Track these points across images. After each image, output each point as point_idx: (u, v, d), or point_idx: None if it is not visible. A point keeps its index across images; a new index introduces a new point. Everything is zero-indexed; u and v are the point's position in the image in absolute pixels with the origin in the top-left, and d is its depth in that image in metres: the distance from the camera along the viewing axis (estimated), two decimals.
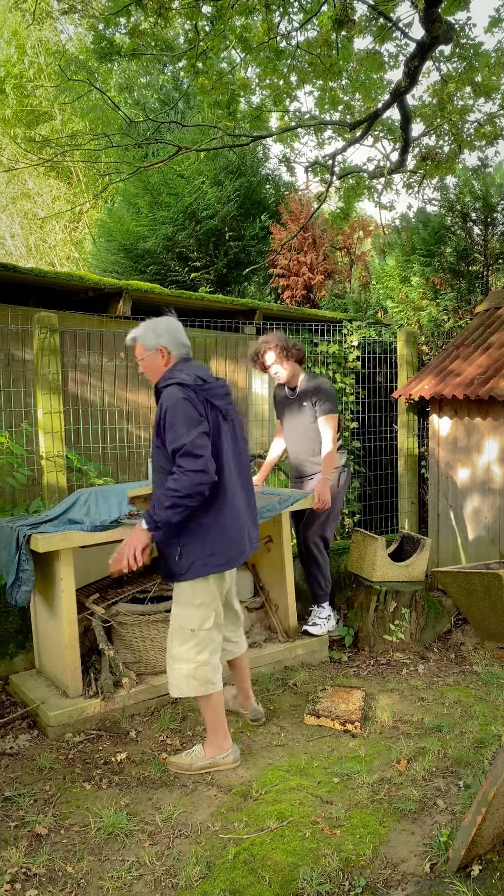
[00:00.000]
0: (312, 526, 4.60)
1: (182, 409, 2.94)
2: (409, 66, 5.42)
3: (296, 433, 4.72)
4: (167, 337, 3.16)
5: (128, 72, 13.21)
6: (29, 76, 14.34)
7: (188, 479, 2.86)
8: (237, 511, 3.14)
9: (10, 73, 14.21)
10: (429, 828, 2.70)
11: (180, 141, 8.04)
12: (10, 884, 2.44)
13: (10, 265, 5.21)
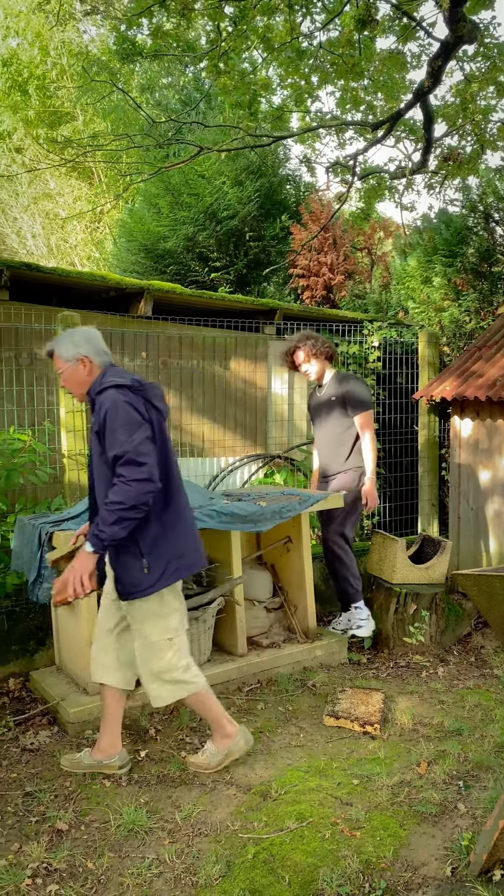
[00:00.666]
0: (331, 524, 4.60)
1: (122, 412, 2.76)
2: (432, 66, 5.39)
3: (324, 432, 4.73)
4: (87, 346, 2.96)
5: (149, 72, 13.27)
6: (52, 77, 14.44)
7: (131, 489, 2.66)
8: (186, 508, 3.04)
9: (33, 74, 14.32)
10: (449, 831, 2.69)
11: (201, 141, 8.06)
12: (31, 878, 2.47)
13: (33, 265, 5.25)
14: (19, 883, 2.43)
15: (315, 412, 4.82)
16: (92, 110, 14.04)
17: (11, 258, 10.00)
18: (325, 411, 4.69)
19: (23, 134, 14.71)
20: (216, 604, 3.95)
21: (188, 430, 6.13)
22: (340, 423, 4.63)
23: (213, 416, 6.26)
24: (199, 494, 4.20)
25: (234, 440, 6.39)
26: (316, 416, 4.81)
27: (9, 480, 4.25)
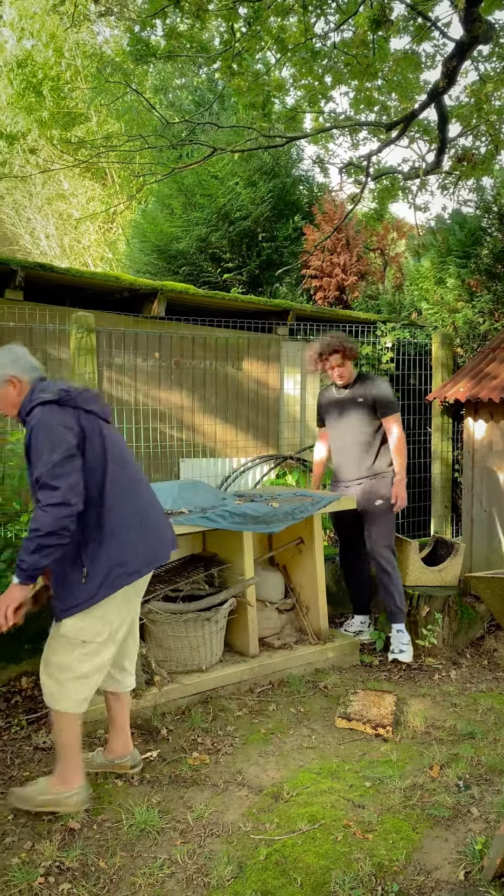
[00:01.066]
0: (378, 536, 4.50)
1: (44, 431, 2.64)
2: (447, 66, 5.37)
3: (345, 433, 4.62)
4: (14, 366, 2.82)
5: (163, 73, 13.31)
6: (66, 78, 14.51)
7: (46, 514, 2.53)
8: (140, 511, 2.83)
9: (47, 75, 14.38)
10: (462, 835, 2.67)
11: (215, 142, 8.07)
12: (43, 877, 2.47)
13: (47, 265, 5.28)
14: (32, 881, 2.44)
15: (331, 411, 4.70)
16: (106, 111, 14.09)
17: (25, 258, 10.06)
18: (347, 412, 4.59)
19: (37, 135, 14.79)
20: (228, 604, 3.95)
21: (200, 430, 6.14)
22: (368, 425, 4.55)
23: (226, 417, 6.27)
24: (211, 495, 4.20)
25: (247, 441, 6.40)
26: (332, 414, 4.69)
27: (22, 480, 4.27)
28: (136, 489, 2.87)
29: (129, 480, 2.84)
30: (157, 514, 2.96)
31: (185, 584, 4.08)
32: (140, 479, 2.94)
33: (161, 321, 5.86)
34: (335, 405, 4.67)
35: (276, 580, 4.61)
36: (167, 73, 13.09)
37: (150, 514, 2.90)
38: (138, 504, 2.85)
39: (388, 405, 4.50)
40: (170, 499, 3.96)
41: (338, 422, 4.65)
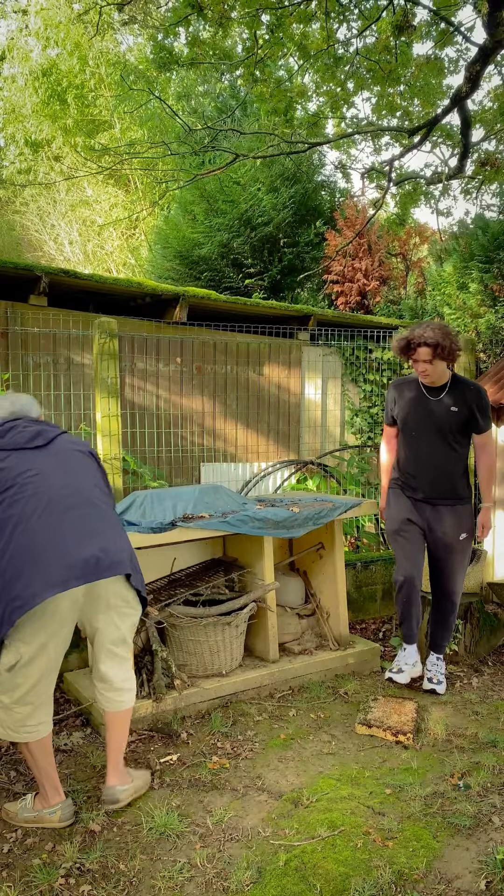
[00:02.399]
0: (457, 571, 4.00)
1: None
2: (470, 71, 5.35)
3: (429, 446, 3.92)
4: None
5: (186, 80, 13.40)
6: (90, 86, 14.65)
7: None
8: (39, 536, 2.64)
9: (72, 83, 14.54)
10: (484, 844, 2.65)
11: (237, 148, 8.11)
12: (64, 878, 2.49)
13: (70, 271, 5.33)
14: (53, 882, 2.46)
15: (412, 412, 3.96)
16: (129, 118, 14.21)
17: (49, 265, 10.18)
18: (434, 420, 3.87)
19: (61, 142, 14.95)
20: (248, 609, 3.96)
21: (221, 434, 6.16)
22: (458, 442, 3.89)
23: (247, 422, 6.29)
24: (231, 499, 4.21)
25: (268, 445, 6.40)
26: (411, 416, 3.96)
27: None
28: (49, 514, 2.68)
29: (44, 507, 2.69)
30: (92, 532, 2.74)
31: (205, 589, 4.10)
32: (84, 498, 2.79)
33: (183, 326, 5.89)
34: (419, 406, 3.93)
35: (297, 585, 4.61)
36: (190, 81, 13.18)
37: (65, 533, 2.68)
38: (39, 528, 2.65)
39: (488, 420, 3.86)
40: (191, 503, 3.98)
41: (420, 428, 3.93)
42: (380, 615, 5.27)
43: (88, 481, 2.90)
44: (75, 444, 3.02)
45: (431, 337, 3.66)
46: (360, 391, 6.82)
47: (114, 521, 2.87)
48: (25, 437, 2.88)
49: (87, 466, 2.96)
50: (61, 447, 2.94)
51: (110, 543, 2.75)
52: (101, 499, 2.87)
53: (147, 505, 3.92)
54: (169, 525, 3.73)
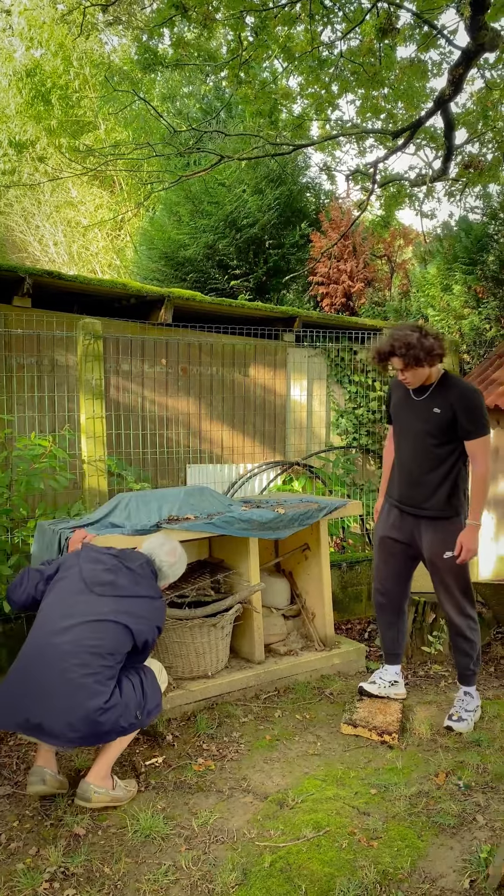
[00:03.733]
0: (451, 598, 3.61)
1: None
2: (453, 74, 5.39)
3: (411, 449, 3.61)
4: None
5: (170, 82, 13.40)
6: (74, 87, 14.61)
7: None
8: (23, 668, 2.85)
9: (56, 84, 14.49)
10: (468, 843, 2.66)
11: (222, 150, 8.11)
12: (48, 882, 2.48)
13: (55, 272, 5.31)
14: (37, 887, 2.45)
15: (399, 412, 3.69)
16: (114, 119, 14.18)
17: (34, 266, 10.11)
18: (418, 420, 3.55)
19: (45, 143, 14.89)
20: (234, 611, 3.96)
21: (207, 436, 6.16)
22: (442, 446, 3.50)
23: (232, 423, 6.29)
24: (217, 501, 4.21)
25: (253, 446, 6.41)
26: (399, 417, 3.69)
27: (29, 486, 4.29)
28: (35, 645, 2.88)
29: (37, 634, 2.92)
30: (51, 681, 2.78)
31: (190, 590, 4.09)
32: (53, 637, 2.86)
33: (168, 328, 5.88)
34: (404, 406, 3.64)
35: (282, 586, 4.61)
36: (175, 82, 13.18)
37: (40, 676, 2.80)
38: (29, 650, 2.89)
39: (474, 423, 3.41)
40: (176, 505, 3.97)
41: (404, 429, 3.65)
42: (365, 615, 5.29)
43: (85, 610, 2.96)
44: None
45: (389, 347, 3.37)
46: (346, 392, 6.84)
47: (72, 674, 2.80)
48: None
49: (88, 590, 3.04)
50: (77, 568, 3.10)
51: (56, 719, 2.74)
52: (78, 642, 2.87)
53: (132, 507, 3.91)
54: (154, 527, 3.72)
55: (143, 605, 3.04)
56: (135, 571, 3.10)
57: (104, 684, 2.79)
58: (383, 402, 3.95)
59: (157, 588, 3.18)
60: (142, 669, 3.07)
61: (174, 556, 3.32)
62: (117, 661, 2.90)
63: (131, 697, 2.89)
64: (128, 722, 2.85)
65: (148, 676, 3.07)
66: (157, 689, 3.08)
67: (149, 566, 3.19)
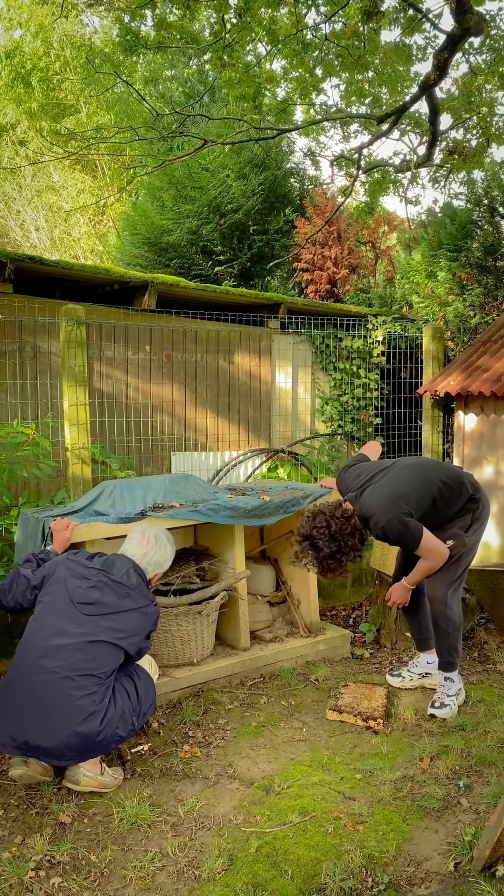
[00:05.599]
0: (434, 580, 3.59)
1: None
2: (438, 59, 5.35)
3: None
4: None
5: (153, 65, 13.21)
6: (55, 69, 14.39)
7: None
8: (17, 690, 2.86)
9: (36, 66, 14.26)
10: (452, 826, 2.69)
11: (206, 134, 8.02)
12: (34, 870, 2.47)
13: (36, 258, 5.24)
14: (23, 875, 2.44)
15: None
16: (95, 102, 13.99)
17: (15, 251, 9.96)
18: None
19: (26, 126, 14.67)
20: (219, 598, 3.95)
21: (192, 423, 6.13)
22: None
23: (217, 410, 6.26)
24: (202, 488, 4.20)
25: (238, 434, 6.39)
26: None
27: (12, 474, 4.25)
28: (26, 666, 2.88)
29: (27, 655, 2.91)
30: (47, 704, 2.79)
31: (176, 578, 4.08)
32: (43, 660, 2.86)
33: (152, 314, 5.83)
34: None
35: (268, 573, 4.61)
36: (157, 65, 13.00)
37: (35, 699, 2.81)
38: (19, 671, 2.90)
39: (407, 546, 3.48)
40: (161, 492, 3.95)
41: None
42: (350, 602, 5.31)
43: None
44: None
45: (303, 553, 3.42)
46: (331, 379, 6.83)
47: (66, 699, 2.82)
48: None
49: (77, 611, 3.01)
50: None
51: (54, 741, 2.77)
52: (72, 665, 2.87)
53: (116, 494, 3.88)
54: (139, 515, 3.70)
55: (132, 619, 3.03)
56: (121, 584, 3.07)
57: (99, 704, 2.82)
58: None
59: (147, 594, 3.14)
60: (135, 672, 3.09)
61: (146, 546, 3.26)
62: (110, 674, 2.93)
63: (126, 706, 2.92)
64: (125, 731, 2.91)
65: (141, 678, 3.08)
66: (151, 690, 3.11)
67: (135, 572, 3.16)
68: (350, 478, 3.71)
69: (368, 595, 5.06)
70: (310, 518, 3.45)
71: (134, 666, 3.11)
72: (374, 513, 3.39)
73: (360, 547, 3.44)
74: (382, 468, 3.63)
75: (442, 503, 3.50)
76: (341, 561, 3.38)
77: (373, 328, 6.68)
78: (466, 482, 3.60)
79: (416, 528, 3.36)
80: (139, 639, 3.05)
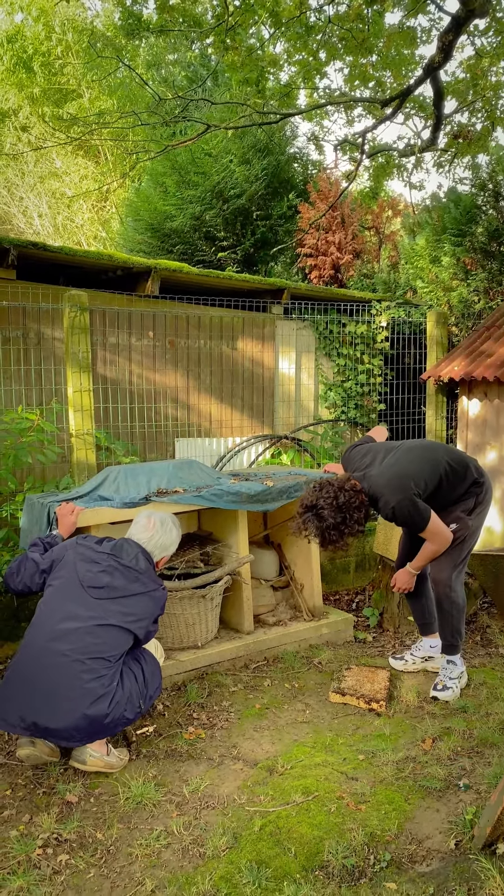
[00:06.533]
0: (438, 562, 3.63)
1: None
2: (442, 41, 5.32)
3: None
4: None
5: (155, 48, 13.11)
6: (56, 54, 14.28)
7: None
8: (26, 673, 2.89)
9: (38, 50, 14.16)
10: (454, 806, 2.72)
11: (208, 119, 7.97)
12: (42, 848, 2.51)
13: (40, 244, 5.24)
14: (30, 852, 2.48)
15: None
16: (98, 87, 13.90)
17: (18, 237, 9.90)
18: None
19: (28, 112, 14.59)
20: (223, 582, 3.98)
21: (195, 409, 6.14)
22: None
23: (221, 396, 6.27)
24: (206, 474, 4.22)
25: (242, 420, 6.40)
26: None
27: (17, 459, 4.27)
28: (36, 649, 2.90)
29: (37, 638, 2.93)
30: (56, 687, 2.83)
31: (180, 563, 4.11)
32: (53, 643, 2.88)
33: (155, 300, 5.83)
34: None
35: (271, 558, 4.64)
36: (159, 49, 12.90)
37: (44, 682, 2.84)
38: (29, 653, 2.91)
39: (415, 527, 3.51)
40: (165, 478, 3.97)
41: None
42: (353, 586, 5.34)
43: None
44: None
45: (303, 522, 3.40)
46: (334, 365, 6.83)
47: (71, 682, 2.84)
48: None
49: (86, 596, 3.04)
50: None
51: (63, 723, 2.81)
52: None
53: (121, 480, 3.91)
54: (143, 500, 3.73)
55: (141, 603, 3.06)
56: (131, 568, 3.10)
57: (108, 687, 2.86)
58: None
59: (155, 578, 3.17)
60: (142, 656, 3.12)
61: (151, 530, 3.28)
62: (119, 657, 2.96)
63: (133, 689, 2.96)
64: (132, 713, 2.95)
65: (148, 662, 3.12)
66: (157, 673, 3.14)
67: (144, 556, 3.19)
68: (357, 456, 3.71)
69: (371, 580, 5.09)
70: (316, 489, 3.43)
71: (141, 649, 3.14)
72: (385, 492, 3.38)
73: (363, 521, 3.41)
74: (391, 448, 3.63)
75: (447, 486, 3.52)
76: (343, 533, 3.35)
77: (376, 314, 6.67)
78: (471, 466, 3.62)
79: (424, 510, 3.39)
80: (148, 622, 3.08)
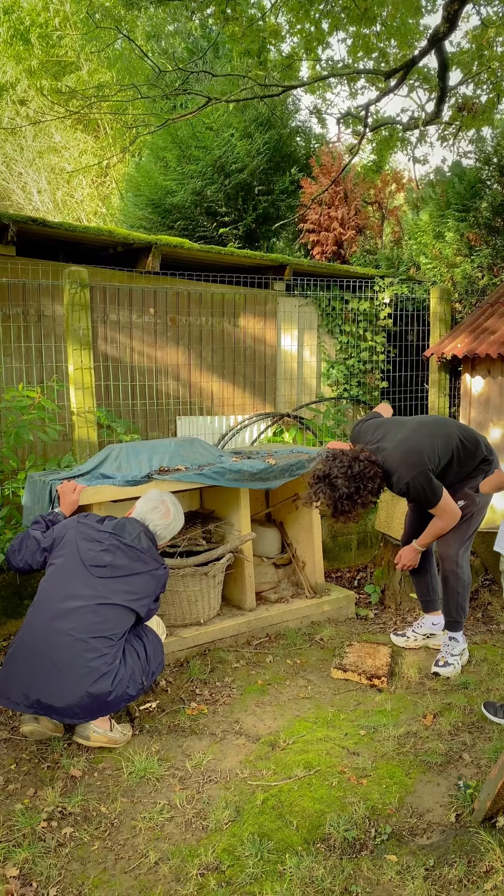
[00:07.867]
0: (446, 539, 3.62)
1: None
2: (448, 10, 5.21)
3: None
4: None
5: (155, 19, 12.87)
6: (54, 25, 14.03)
7: None
8: (29, 651, 2.91)
9: (35, 21, 13.90)
10: (454, 780, 2.74)
11: (209, 92, 7.86)
12: (46, 821, 2.54)
13: (39, 219, 5.18)
14: (35, 825, 2.51)
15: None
16: (97, 59, 13.67)
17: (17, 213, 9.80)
18: None
19: (26, 85, 14.36)
20: (225, 560, 3.99)
21: (197, 387, 6.12)
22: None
23: (223, 374, 6.24)
24: (208, 452, 4.21)
25: (244, 398, 6.38)
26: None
27: (18, 437, 4.27)
28: (38, 628, 2.92)
29: (39, 617, 2.95)
30: (60, 665, 2.84)
31: (182, 540, 4.11)
32: (56, 622, 2.90)
33: (156, 276, 5.78)
34: None
35: (273, 536, 4.65)
36: (159, 19, 12.66)
37: (47, 661, 2.85)
38: (33, 632, 2.93)
39: (427, 502, 3.48)
40: (167, 456, 3.96)
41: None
42: (355, 564, 5.35)
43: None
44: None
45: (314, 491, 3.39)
46: (337, 342, 6.79)
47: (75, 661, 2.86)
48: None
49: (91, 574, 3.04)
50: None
51: (67, 701, 2.83)
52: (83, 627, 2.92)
53: (123, 458, 3.90)
54: (145, 478, 3.72)
55: (143, 582, 3.07)
56: (133, 547, 3.10)
57: (111, 665, 2.87)
58: None
59: (157, 557, 3.18)
60: (144, 633, 3.13)
61: (168, 517, 3.30)
62: (122, 636, 2.98)
63: (136, 666, 2.98)
64: (135, 689, 2.97)
65: (150, 639, 3.13)
66: (159, 649, 3.16)
67: (146, 535, 3.19)
68: (370, 430, 3.65)
69: (373, 557, 5.10)
70: (329, 459, 3.40)
71: (143, 626, 3.16)
72: (400, 467, 3.35)
73: (377, 493, 3.39)
74: (402, 423, 3.60)
75: (458, 462, 3.52)
76: (356, 503, 3.31)
77: (379, 290, 6.62)
78: (482, 443, 3.63)
79: (438, 486, 3.39)
80: (149, 601, 3.10)
